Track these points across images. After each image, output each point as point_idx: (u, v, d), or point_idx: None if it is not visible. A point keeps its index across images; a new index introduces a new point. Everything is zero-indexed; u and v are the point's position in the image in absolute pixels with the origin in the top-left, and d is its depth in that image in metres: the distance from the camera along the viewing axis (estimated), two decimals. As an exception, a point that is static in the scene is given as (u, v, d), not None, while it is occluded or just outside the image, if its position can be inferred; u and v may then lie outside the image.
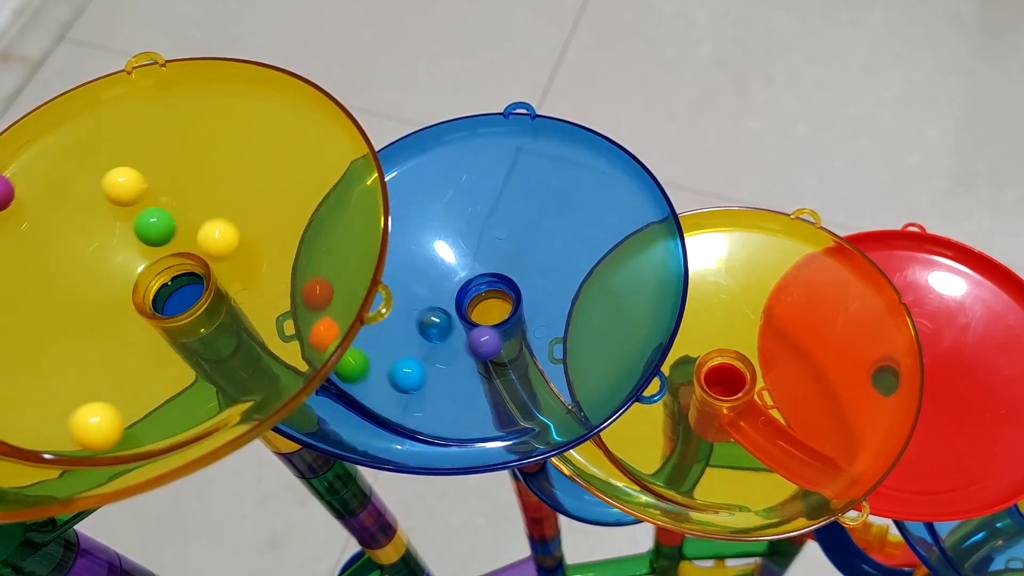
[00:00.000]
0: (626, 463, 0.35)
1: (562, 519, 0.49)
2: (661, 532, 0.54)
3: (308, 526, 0.96)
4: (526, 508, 0.48)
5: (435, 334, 0.33)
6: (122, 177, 0.29)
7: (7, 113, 1.25)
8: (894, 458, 0.33)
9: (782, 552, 0.54)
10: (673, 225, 0.33)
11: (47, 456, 0.25)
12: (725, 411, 0.33)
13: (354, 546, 0.47)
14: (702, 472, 0.36)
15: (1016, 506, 0.39)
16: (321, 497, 0.40)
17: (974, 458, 0.37)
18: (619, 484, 0.34)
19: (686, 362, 0.35)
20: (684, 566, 0.56)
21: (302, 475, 0.38)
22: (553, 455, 0.31)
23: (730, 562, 0.57)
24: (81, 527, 0.31)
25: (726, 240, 0.38)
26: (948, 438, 0.38)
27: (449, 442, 0.31)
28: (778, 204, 0.39)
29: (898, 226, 0.42)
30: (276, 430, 0.31)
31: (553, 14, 1.30)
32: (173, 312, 0.28)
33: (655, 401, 0.31)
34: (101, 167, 0.30)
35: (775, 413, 0.35)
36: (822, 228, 0.38)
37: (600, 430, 0.30)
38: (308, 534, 0.96)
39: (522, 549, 0.56)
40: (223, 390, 0.27)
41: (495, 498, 0.96)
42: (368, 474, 0.41)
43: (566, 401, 0.32)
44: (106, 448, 0.24)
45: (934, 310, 0.40)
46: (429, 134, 0.36)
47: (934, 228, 0.41)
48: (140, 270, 0.29)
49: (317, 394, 0.32)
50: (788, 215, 0.38)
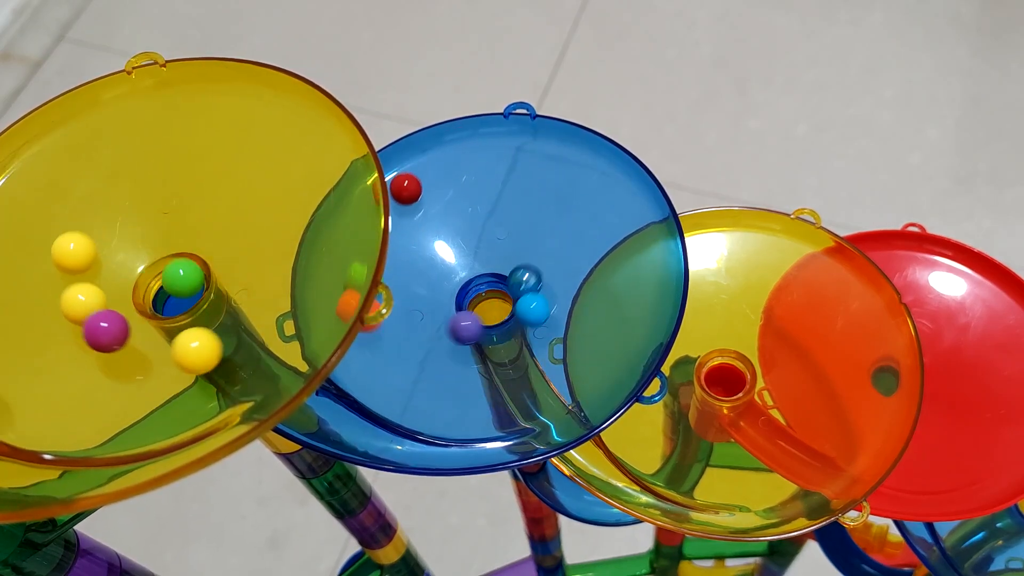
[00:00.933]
0: (626, 463, 0.35)
1: (562, 519, 0.49)
2: (661, 532, 0.54)
3: (308, 526, 0.96)
4: (526, 508, 0.48)
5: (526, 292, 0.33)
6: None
7: (7, 113, 1.24)
8: (894, 458, 0.33)
9: (782, 552, 0.54)
10: (673, 225, 0.33)
11: (47, 456, 0.25)
12: (725, 411, 0.33)
13: (354, 546, 0.47)
14: (702, 472, 0.36)
15: (1016, 506, 0.39)
16: (321, 497, 0.40)
17: (974, 458, 0.37)
18: (619, 484, 0.34)
19: (686, 362, 0.35)
20: (684, 566, 0.56)
21: (302, 475, 0.38)
22: (553, 455, 0.31)
23: (730, 562, 0.57)
24: (81, 527, 0.31)
25: (726, 240, 0.38)
26: (948, 438, 0.38)
27: (449, 442, 0.31)
28: (778, 204, 0.39)
29: (898, 226, 0.42)
30: (276, 430, 0.31)
31: (553, 14, 1.30)
32: (173, 312, 0.28)
33: (655, 401, 0.31)
34: (101, 167, 0.30)
35: (775, 413, 0.35)
36: (822, 228, 0.38)
37: (600, 430, 0.30)
38: (308, 534, 0.96)
39: (522, 549, 0.56)
40: (223, 390, 0.27)
41: (495, 498, 0.96)
42: (368, 474, 0.41)
43: (566, 401, 0.32)
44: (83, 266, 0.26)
45: (934, 310, 0.40)
46: (429, 134, 0.36)
47: (934, 228, 0.41)
48: (140, 270, 0.29)
49: (317, 394, 0.32)
50: (788, 215, 0.38)
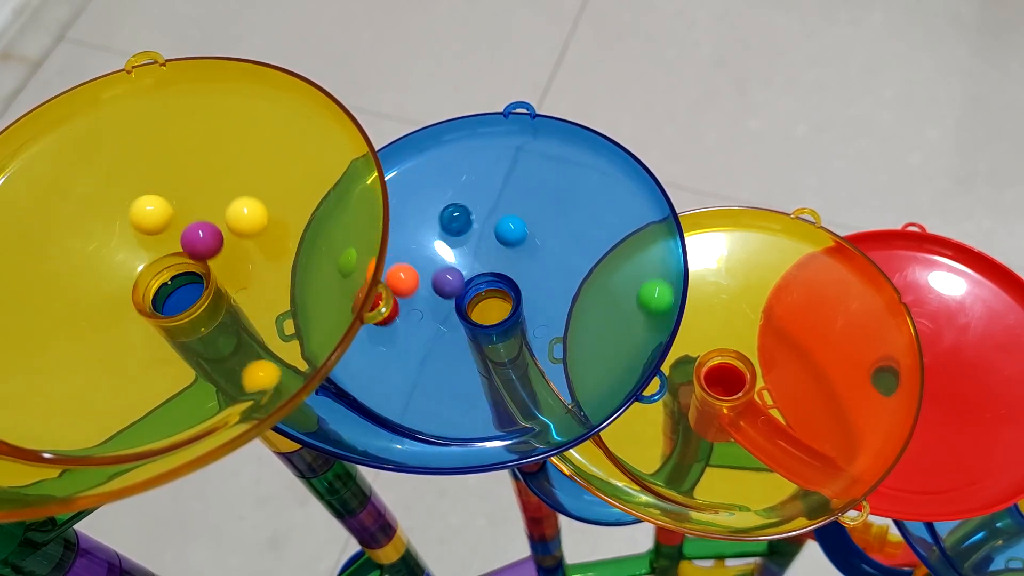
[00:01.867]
0: (626, 463, 0.35)
1: (562, 519, 0.49)
2: (661, 532, 0.54)
3: (308, 526, 0.96)
4: (526, 508, 0.48)
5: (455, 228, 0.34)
6: (150, 206, 0.29)
7: (7, 113, 1.24)
8: (894, 458, 0.33)
9: (782, 552, 0.54)
10: (673, 225, 0.33)
11: (47, 456, 0.25)
12: (725, 411, 0.33)
13: (354, 546, 0.47)
14: (702, 472, 0.36)
15: (1016, 506, 0.39)
16: (321, 497, 0.40)
17: (974, 458, 0.37)
18: (619, 484, 0.34)
19: (686, 362, 0.35)
20: (684, 566, 0.56)
21: (302, 475, 0.38)
22: (553, 455, 0.31)
23: (730, 562, 0.57)
24: (81, 527, 0.31)
25: (726, 240, 0.38)
26: (948, 438, 0.38)
27: (449, 442, 0.31)
28: (778, 204, 0.39)
29: (898, 226, 0.42)
30: (276, 430, 0.31)
31: (553, 14, 1.30)
32: (173, 312, 0.28)
33: (655, 401, 0.31)
34: (101, 167, 0.30)
35: (775, 413, 0.35)
36: (822, 228, 0.38)
37: (600, 430, 0.30)
38: (308, 534, 0.96)
39: (522, 549, 0.56)
40: (223, 389, 0.27)
41: (495, 498, 0.96)
42: (368, 474, 0.41)
43: (566, 401, 0.32)
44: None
45: (934, 310, 0.40)
46: (429, 134, 0.36)
47: (934, 228, 0.41)
48: (140, 270, 0.29)
49: (317, 393, 0.32)
50: (788, 215, 0.38)
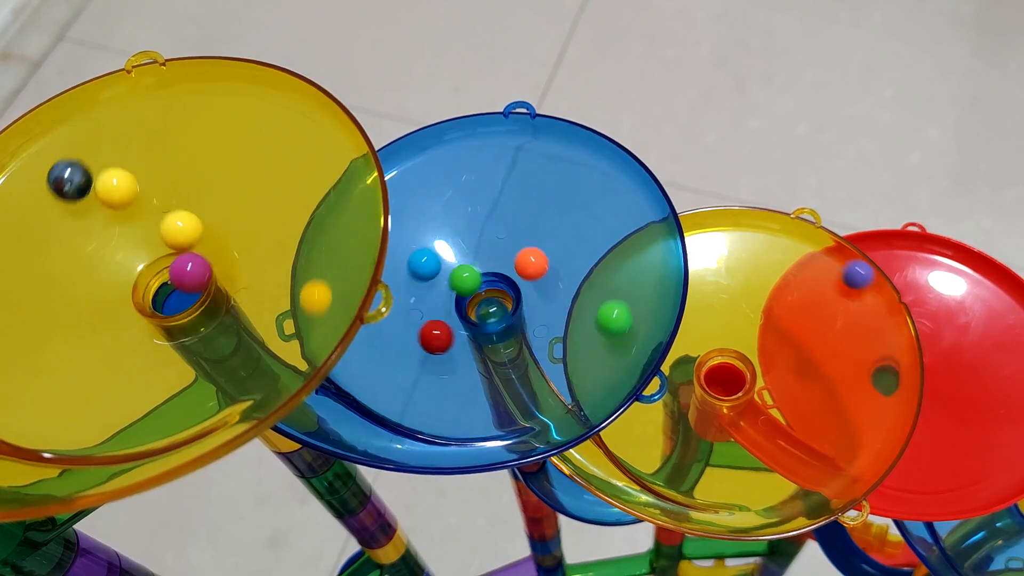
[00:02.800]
0: (626, 462, 0.35)
1: (562, 519, 0.49)
2: (661, 532, 0.54)
3: (308, 526, 0.96)
4: (526, 508, 0.48)
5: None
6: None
7: (7, 113, 1.24)
8: (894, 458, 0.33)
9: (782, 552, 0.54)
10: (673, 224, 0.33)
11: (47, 455, 0.25)
12: (725, 411, 0.33)
13: (354, 546, 0.47)
14: (702, 472, 0.36)
15: (1016, 506, 0.39)
16: (321, 497, 0.40)
17: (974, 458, 0.37)
18: (619, 484, 0.34)
19: (686, 361, 0.35)
20: (684, 566, 0.56)
21: (302, 475, 0.38)
22: (553, 454, 0.31)
23: (730, 562, 0.57)
24: (81, 527, 0.31)
25: (726, 240, 0.38)
26: (948, 438, 0.38)
27: (449, 442, 0.31)
28: (778, 204, 0.39)
29: (898, 226, 0.42)
30: (276, 429, 0.31)
31: (553, 14, 1.30)
32: (173, 311, 0.28)
33: (655, 400, 0.31)
34: (101, 166, 0.30)
35: (775, 413, 0.35)
36: (822, 228, 0.38)
37: (600, 429, 0.30)
38: (308, 534, 0.96)
39: (522, 549, 0.56)
40: (223, 389, 0.27)
41: (495, 498, 0.96)
42: (368, 474, 0.41)
43: (566, 400, 0.32)
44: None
45: (934, 310, 0.40)
46: (429, 133, 0.36)
47: (934, 228, 0.41)
48: (140, 269, 0.29)
49: (317, 393, 0.32)
50: (788, 215, 0.38)
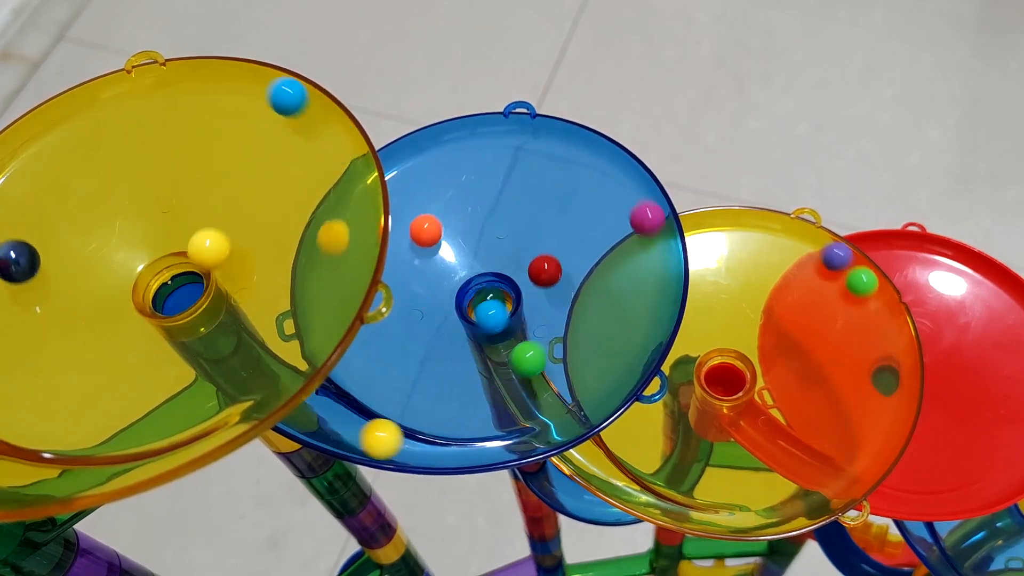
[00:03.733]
0: (626, 463, 0.35)
1: (562, 519, 0.49)
2: (661, 532, 0.54)
3: (308, 526, 0.96)
4: (526, 508, 0.48)
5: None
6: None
7: (7, 113, 1.24)
8: (894, 458, 0.33)
9: (782, 552, 0.54)
10: (673, 224, 0.33)
11: (47, 455, 0.25)
12: (725, 411, 0.33)
13: (354, 546, 0.47)
14: (702, 472, 0.36)
15: (1016, 506, 0.39)
16: (321, 497, 0.40)
17: (974, 458, 0.37)
18: (619, 484, 0.34)
19: (686, 362, 0.35)
20: (684, 566, 0.56)
21: (302, 475, 0.38)
22: (553, 454, 0.31)
23: (730, 562, 0.57)
24: (81, 527, 0.31)
25: (726, 240, 0.38)
26: (948, 438, 0.38)
27: (449, 442, 0.31)
28: (778, 204, 0.39)
29: (898, 226, 0.42)
30: (276, 429, 0.31)
31: (553, 14, 1.30)
32: (173, 311, 0.28)
33: (655, 401, 0.31)
34: (101, 167, 0.30)
35: (775, 413, 0.35)
36: (822, 228, 0.38)
37: (600, 429, 0.30)
38: (308, 534, 0.96)
39: (522, 549, 0.56)
40: (223, 389, 0.27)
41: (495, 498, 0.96)
42: (368, 474, 0.41)
43: (566, 400, 0.32)
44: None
45: (934, 310, 0.40)
46: (428, 133, 0.36)
47: (934, 228, 0.41)
48: (140, 269, 0.29)
49: (317, 393, 0.32)
50: (788, 215, 0.38)
